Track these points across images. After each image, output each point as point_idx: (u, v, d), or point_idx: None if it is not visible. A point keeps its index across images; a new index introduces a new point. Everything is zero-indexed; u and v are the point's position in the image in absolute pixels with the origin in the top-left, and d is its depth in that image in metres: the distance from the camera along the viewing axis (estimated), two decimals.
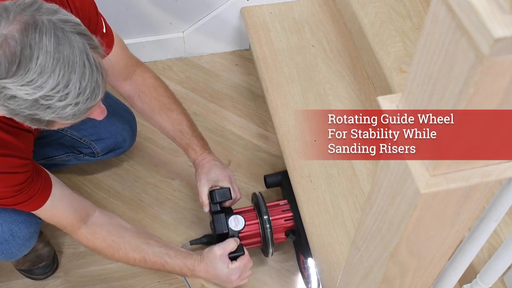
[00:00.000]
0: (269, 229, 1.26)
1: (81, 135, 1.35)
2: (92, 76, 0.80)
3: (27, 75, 0.74)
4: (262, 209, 1.28)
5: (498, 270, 0.75)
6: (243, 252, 1.22)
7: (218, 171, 1.25)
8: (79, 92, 0.79)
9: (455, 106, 0.40)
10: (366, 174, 1.30)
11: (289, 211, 1.31)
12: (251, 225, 1.28)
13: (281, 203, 1.34)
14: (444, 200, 0.49)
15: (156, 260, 1.17)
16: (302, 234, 1.26)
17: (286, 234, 1.31)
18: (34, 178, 1.00)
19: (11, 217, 1.12)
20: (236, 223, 1.26)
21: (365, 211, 0.62)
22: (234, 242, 1.22)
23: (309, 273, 1.28)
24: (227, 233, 1.24)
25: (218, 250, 1.19)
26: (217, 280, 1.22)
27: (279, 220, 1.30)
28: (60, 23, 0.77)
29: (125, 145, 1.42)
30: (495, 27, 0.33)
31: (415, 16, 1.43)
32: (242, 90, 1.74)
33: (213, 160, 1.27)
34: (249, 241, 1.29)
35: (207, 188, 1.24)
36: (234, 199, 1.26)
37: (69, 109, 0.79)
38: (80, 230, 1.12)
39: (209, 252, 1.20)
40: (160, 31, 1.74)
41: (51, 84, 0.76)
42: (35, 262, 1.36)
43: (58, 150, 1.38)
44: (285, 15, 1.67)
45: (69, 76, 0.77)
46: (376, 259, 0.63)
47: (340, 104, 1.44)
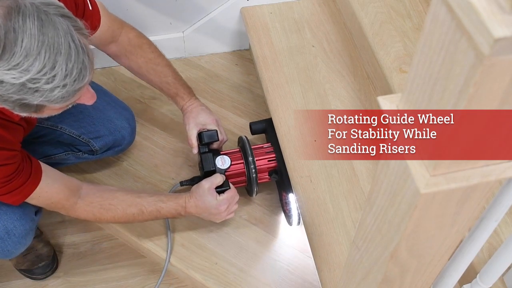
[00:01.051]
0: (253, 169, 1.34)
1: (80, 133, 1.35)
2: (78, 58, 0.80)
3: (12, 59, 0.75)
4: (247, 151, 1.35)
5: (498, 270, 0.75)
6: (229, 186, 1.28)
7: (206, 115, 1.32)
8: (66, 74, 0.79)
9: (455, 106, 0.40)
10: (366, 174, 1.30)
11: (272, 152, 1.39)
12: (237, 165, 1.35)
13: (264, 145, 1.42)
14: (444, 200, 0.49)
15: (152, 209, 1.22)
16: (284, 173, 1.34)
17: (269, 174, 1.39)
18: (24, 166, 1.02)
19: (6, 215, 1.12)
20: (222, 162, 1.32)
21: (365, 211, 0.62)
22: (221, 177, 1.27)
23: (290, 207, 1.38)
24: (214, 170, 1.31)
25: (206, 183, 1.24)
26: (207, 213, 1.26)
27: (263, 161, 1.38)
28: (43, 6, 0.78)
29: (124, 142, 1.43)
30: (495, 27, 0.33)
31: (415, 16, 1.43)
32: (242, 90, 1.74)
33: (200, 106, 1.34)
34: (234, 180, 1.36)
35: (196, 131, 1.31)
36: (221, 140, 1.33)
37: (57, 92, 0.80)
38: (77, 204, 1.15)
39: (197, 187, 1.25)
40: (160, 31, 1.74)
41: (37, 67, 0.76)
42: (35, 262, 1.36)
43: (57, 148, 1.38)
44: (285, 15, 1.67)
45: (55, 58, 0.77)
46: (376, 259, 0.63)
47: (340, 104, 1.44)
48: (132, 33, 1.29)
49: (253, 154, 1.36)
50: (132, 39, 1.28)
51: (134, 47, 1.28)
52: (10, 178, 0.99)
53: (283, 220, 1.45)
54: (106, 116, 1.37)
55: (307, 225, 1.23)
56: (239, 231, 1.43)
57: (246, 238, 1.42)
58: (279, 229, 1.44)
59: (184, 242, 1.41)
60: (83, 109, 1.35)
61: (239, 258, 1.38)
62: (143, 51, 1.29)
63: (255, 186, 1.36)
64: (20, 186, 1.02)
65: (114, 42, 1.26)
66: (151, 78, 1.32)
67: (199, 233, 1.42)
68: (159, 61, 1.32)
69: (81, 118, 1.35)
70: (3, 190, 1.00)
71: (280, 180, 1.39)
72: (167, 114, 1.67)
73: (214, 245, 1.40)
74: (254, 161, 1.35)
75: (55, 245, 1.44)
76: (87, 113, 1.35)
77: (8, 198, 1.03)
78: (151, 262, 1.44)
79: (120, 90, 1.72)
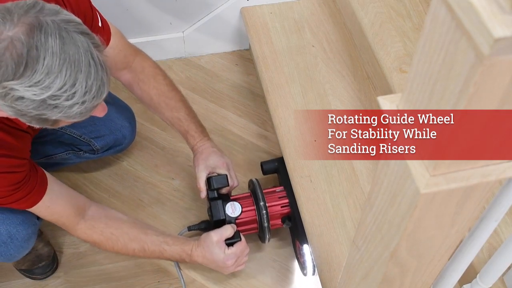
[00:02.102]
0: (265, 216, 1.28)
1: (81, 133, 1.35)
2: (97, 75, 0.81)
3: (34, 76, 0.75)
4: (259, 196, 1.29)
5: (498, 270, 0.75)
6: (239, 238, 1.24)
7: (216, 158, 1.26)
8: (86, 91, 0.79)
9: (455, 106, 0.40)
10: (366, 174, 1.30)
11: (285, 197, 1.33)
12: (248, 212, 1.29)
13: (277, 189, 1.35)
14: (444, 200, 0.49)
15: (155, 249, 1.19)
16: (298, 221, 1.27)
17: (282, 221, 1.32)
18: (31, 175, 1.01)
19: (9, 219, 1.12)
20: (233, 209, 1.27)
21: (365, 211, 0.62)
22: (231, 228, 1.23)
23: (305, 259, 1.30)
24: (224, 219, 1.26)
25: (215, 235, 1.20)
26: (214, 265, 1.23)
27: (276, 207, 1.31)
28: (63, 23, 0.78)
29: (125, 142, 1.43)
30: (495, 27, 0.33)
31: (415, 16, 1.43)
32: (242, 90, 1.74)
33: (211, 147, 1.28)
34: (246, 228, 1.30)
35: (205, 174, 1.25)
36: (231, 186, 1.27)
37: (76, 108, 0.80)
38: (79, 225, 1.14)
39: (206, 237, 1.21)
40: (160, 31, 1.74)
41: (58, 84, 0.77)
42: (35, 262, 1.36)
43: (57, 148, 1.38)
44: (285, 15, 1.67)
45: (76, 75, 0.78)
46: (376, 259, 0.63)
47: (340, 104, 1.44)
48: (147, 62, 1.26)
49: (265, 200, 1.29)
50: (146, 68, 1.25)
51: (147, 76, 1.24)
52: (18, 186, 0.98)
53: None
54: (107, 115, 1.36)
55: (307, 225, 1.23)
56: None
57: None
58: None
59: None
60: None
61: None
62: (156, 82, 1.25)
63: (268, 233, 1.30)
64: (24, 197, 1.01)
65: (127, 69, 1.23)
66: (162, 111, 1.26)
67: (199, 233, 1.42)
68: (173, 95, 1.26)
69: None
70: (11, 198, 0.99)
71: (294, 227, 1.32)
72: None
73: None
74: (267, 207, 1.28)
75: (55, 245, 1.44)
76: None
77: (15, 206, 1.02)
78: (151, 262, 1.44)
79: (120, 89, 1.72)
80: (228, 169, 1.27)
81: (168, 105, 1.26)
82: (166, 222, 1.47)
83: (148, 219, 1.47)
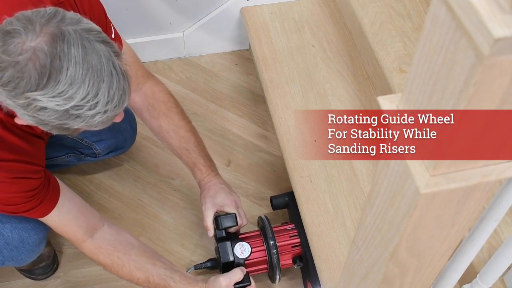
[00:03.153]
0: (275, 255, 1.23)
1: (82, 136, 1.35)
2: (119, 84, 0.80)
3: (57, 87, 0.75)
4: (269, 235, 1.24)
5: (498, 270, 0.75)
6: (249, 282, 1.19)
7: (224, 195, 1.21)
8: (108, 100, 0.79)
9: (455, 106, 0.40)
10: (366, 174, 1.30)
11: (296, 237, 1.28)
12: (257, 252, 1.25)
13: (288, 227, 1.30)
14: (444, 200, 0.49)
15: (159, 283, 1.14)
16: (310, 262, 1.22)
17: (293, 261, 1.27)
18: (45, 184, 1.00)
19: (21, 224, 1.12)
20: (242, 250, 1.23)
21: (365, 211, 0.62)
22: (241, 272, 1.19)
23: None
24: (233, 261, 1.21)
25: (224, 280, 1.16)
26: None
27: (286, 247, 1.27)
28: (85, 32, 0.78)
29: (126, 144, 1.43)
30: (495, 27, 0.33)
31: (415, 16, 1.43)
32: (242, 90, 1.74)
33: (219, 184, 1.23)
34: (255, 268, 1.26)
35: (212, 213, 1.20)
36: (240, 225, 1.22)
37: (98, 117, 0.80)
38: (86, 243, 1.10)
39: (214, 281, 1.17)
40: (160, 31, 1.74)
41: (81, 95, 0.76)
42: (35, 262, 1.36)
43: (59, 151, 1.38)
44: (285, 15, 1.67)
45: (98, 85, 0.77)
46: (376, 259, 0.63)
47: (340, 104, 1.44)
48: (158, 87, 1.22)
49: (275, 239, 1.24)
50: (157, 92, 1.21)
51: (158, 102, 1.20)
52: (33, 194, 0.96)
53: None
54: None
55: (307, 225, 1.23)
56: None
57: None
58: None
59: (184, 242, 1.41)
60: None
61: None
62: (167, 109, 1.21)
63: (278, 273, 1.25)
64: (38, 205, 0.99)
65: (137, 92, 1.20)
66: (171, 141, 1.22)
67: (199, 233, 1.42)
68: (183, 124, 1.22)
69: None
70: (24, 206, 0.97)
71: (305, 268, 1.27)
72: None
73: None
74: (277, 246, 1.23)
75: (55, 245, 1.44)
76: None
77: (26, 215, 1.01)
78: None
79: None
80: (237, 207, 1.22)
81: (178, 135, 1.21)
82: (166, 222, 1.47)
83: (148, 219, 1.47)
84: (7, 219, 1.11)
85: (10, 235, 1.11)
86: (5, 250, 1.12)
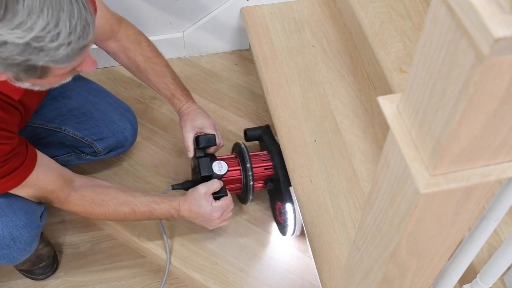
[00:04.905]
0: (251, 176, 1.32)
1: (83, 135, 1.35)
2: (80, 14, 0.80)
3: (16, 18, 0.74)
4: (245, 157, 1.33)
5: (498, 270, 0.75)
6: (226, 193, 1.26)
7: (203, 118, 1.29)
8: (70, 31, 0.79)
9: (455, 106, 0.40)
10: (366, 174, 1.30)
11: (268, 160, 1.38)
12: (233, 171, 1.34)
13: (260, 153, 1.40)
14: (444, 200, 0.49)
15: (144, 210, 1.20)
16: (282, 182, 1.33)
17: (265, 182, 1.37)
18: (20, 150, 1.01)
19: (12, 222, 1.12)
20: (219, 167, 1.30)
21: (365, 211, 0.62)
22: (218, 183, 1.25)
23: (286, 217, 1.34)
24: (211, 175, 1.28)
25: (203, 188, 1.22)
26: (200, 219, 1.24)
27: (260, 168, 1.36)
28: None
29: (127, 144, 1.43)
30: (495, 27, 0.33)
31: (415, 16, 1.43)
32: (242, 90, 1.74)
33: (197, 109, 1.31)
34: (229, 187, 1.34)
35: (192, 134, 1.28)
36: (218, 145, 1.31)
37: (62, 50, 0.79)
38: (71, 197, 1.14)
39: (193, 191, 1.23)
40: (160, 31, 1.74)
41: (41, 24, 0.76)
42: (35, 262, 1.36)
43: (60, 150, 1.38)
44: (285, 15, 1.67)
45: (58, 15, 0.77)
46: (376, 259, 0.63)
47: (340, 104, 1.44)
48: (131, 30, 1.29)
49: (251, 161, 1.34)
50: (131, 35, 1.28)
51: (133, 43, 1.28)
52: (6, 159, 0.98)
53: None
54: (109, 117, 1.37)
55: (307, 225, 1.23)
56: (239, 231, 1.43)
57: (246, 238, 1.42)
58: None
59: (184, 242, 1.41)
60: (86, 111, 1.35)
61: (239, 258, 1.38)
62: (141, 48, 1.28)
63: (251, 194, 1.35)
64: (15, 170, 1.01)
65: (113, 38, 1.26)
66: (149, 77, 1.30)
67: (199, 233, 1.42)
68: (158, 60, 1.30)
69: (84, 120, 1.35)
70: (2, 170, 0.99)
71: (275, 189, 1.38)
72: (167, 114, 1.67)
73: (214, 245, 1.40)
74: (252, 168, 1.33)
75: (55, 245, 1.44)
76: (90, 115, 1.35)
77: (3, 183, 1.01)
78: (151, 262, 1.44)
79: (120, 90, 1.72)
80: (215, 129, 1.30)
81: (154, 71, 1.29)
82: (166, 223, 1.47)
83: None
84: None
85: (1, 233, 1.11)
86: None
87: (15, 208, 1.12)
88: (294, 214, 1.33)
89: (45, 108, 1.32)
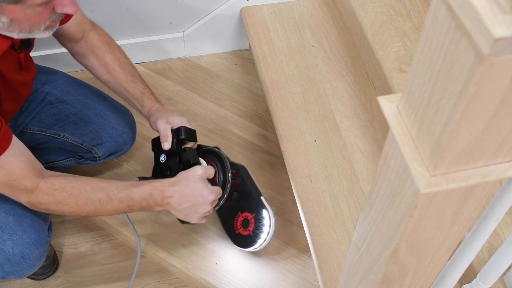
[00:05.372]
0: (229, 184, 1.20)
1: (82, 141, 1.34)
2: None
3: None
4: (227, 166, 1.20)
5: (498, 270, 0.75)
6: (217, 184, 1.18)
7: (178, 116, 1.22)
8: None
9: (455, 106, 0.40)
10: (366, 174, 1.30)
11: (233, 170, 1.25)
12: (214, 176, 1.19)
13: None
14: (444, 200, 0.49)
15: (122, 195, 1.06)
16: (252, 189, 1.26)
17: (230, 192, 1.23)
18: None
19: (22, 240, 1.12)
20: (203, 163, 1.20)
21: (365, 211, 0.62)
22: (213, 170, 1.16)
23: (262, 223, 1.24)
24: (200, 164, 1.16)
25: (200, 169, 1.11)
26: (191, 202, 1.11)
27: None
28: None
29: (126, 147, 1.43)
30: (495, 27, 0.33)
31: (415, 16, 1.43)
32: (242, 90, 1.74)
33: (169, 110, 1.25)
34: None
35: (170, 127, 1.18)
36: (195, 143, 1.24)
37: None
38: (40, 186, 1.03)
39: (189, 171, 1.12)
40: (160, 31, 1.74)
41: None
42: None
43: (59, 155, 1.38)
44: (285, 15, 1.67)
45: None
46: (376, 259, 0.63)
47: (340, 104, 1.44)
48: (102, 31, 1.29)
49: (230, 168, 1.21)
50: (102, 35, 1.28)
51: (104, 43, 1.27)
52: None
53: (284, 220, 1.44)
54: (108, 122, 1.36)
55: (307, 225, 1.23)
56: None
57: None
58: (279, 229, 1.44)
59: (184, 242, 1.41)
60: (84, 116, 1.34)
61: (239, 258, 1.38)
62: (112, 48, 1.27)
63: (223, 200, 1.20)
64: None
65: (84, 39, 1.26)
66: (118, 76, 1.26)
67: (199, 233, 1.42)
68: (127, 61, 1.29)
69: (82, 126, 1.34)
70: None
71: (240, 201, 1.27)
72: None
73: (214, 245, 1.40)
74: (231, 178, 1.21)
75: (55, 245, 1.44)
76: (88, 120, 1.34)
77: None
78: (151, 262, 1.44)
79: None
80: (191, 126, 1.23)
81: (124, 70, 1.27)
82: (166, 222, 1.47)
83: (148, 218, 1.47)
84: (8, 236, 1.11)
85: (11, 251, 1.11)
86: (6, 265, 1.12)
87: (24, 225, 1.12)
88: (270, 221, 1.25)
89: (43, 114, 1.31)
